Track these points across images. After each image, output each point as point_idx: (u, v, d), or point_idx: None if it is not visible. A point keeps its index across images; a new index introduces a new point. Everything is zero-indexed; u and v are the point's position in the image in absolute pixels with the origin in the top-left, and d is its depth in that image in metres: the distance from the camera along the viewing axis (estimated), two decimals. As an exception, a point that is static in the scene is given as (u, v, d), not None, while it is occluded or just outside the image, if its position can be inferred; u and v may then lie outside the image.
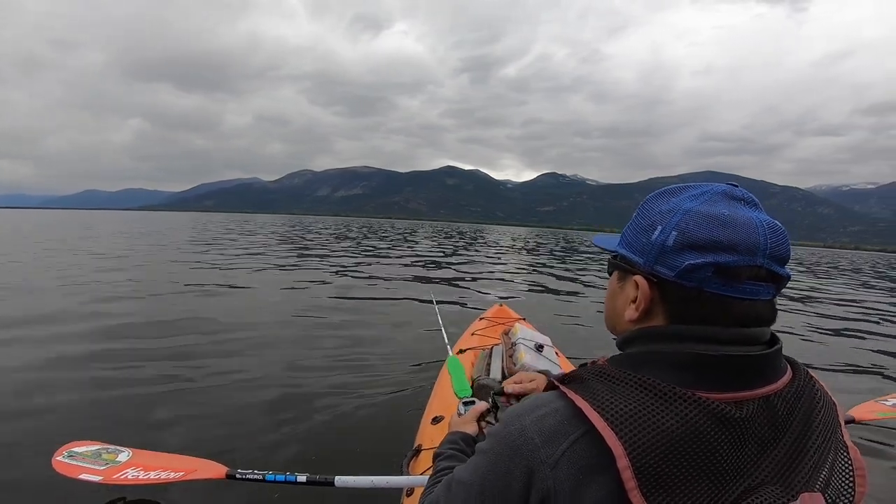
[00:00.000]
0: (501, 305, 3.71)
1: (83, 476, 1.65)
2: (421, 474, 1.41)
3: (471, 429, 1.01)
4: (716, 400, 0.51)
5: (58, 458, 1.76)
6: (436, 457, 0.92)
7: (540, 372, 1.98)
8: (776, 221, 0.56)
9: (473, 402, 1.23)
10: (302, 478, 1.48)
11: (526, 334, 2.19)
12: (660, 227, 0.58)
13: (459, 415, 1.14)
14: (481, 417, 1.07)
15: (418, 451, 1.60)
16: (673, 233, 0.56)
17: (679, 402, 0.50)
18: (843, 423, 0.59)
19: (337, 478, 1.42)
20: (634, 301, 0.61)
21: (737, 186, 0.60)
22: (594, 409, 0.52)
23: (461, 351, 2.66)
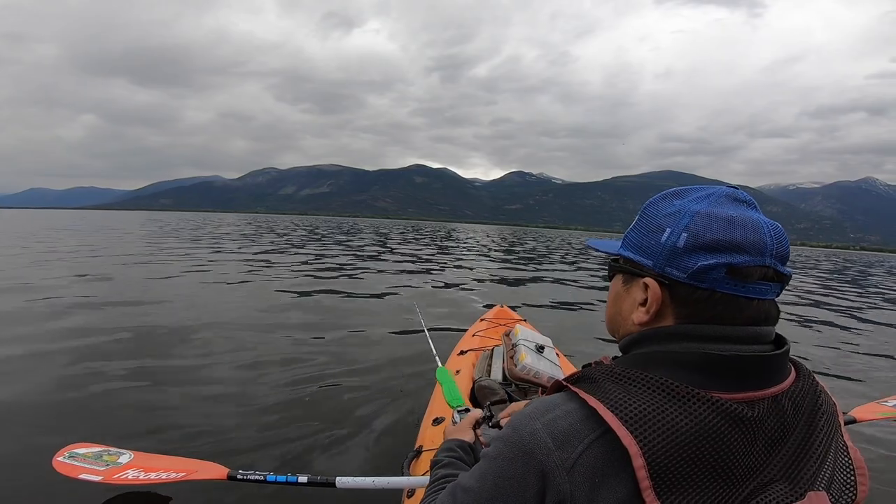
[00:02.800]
0: (502, 307, 3.69)
1: (83, 476, 1.64)
2: (422, 475, 1.41)
3: (467, 436, 1.00)
4: (729, 400, 0.50)
5: (58, 459, 1.74)
6: (433, 465, 0.90)
7: (540, 373, 2.02)
8: (776, 223, 0.57)
9: (468, 411, 1.26)
10: (303, 478, 1.47)
11: (527, 335, 2.20)
12: (669, 230, 0.57)
13: (455, 423, 1.16)
14: (477, 425, 1.06)
15: (419, 451, 1.61)
16: (683, 234, 0.56)
17: (693, 402, 0.50)
18: (843, 424, 0.60)
19: (338, 478, 1.42)
20: (644, 304, 0.60)
21: (739, 189, 0.60)
22: (609, 410, 0.51)
23: (462, 352, 2.65)
